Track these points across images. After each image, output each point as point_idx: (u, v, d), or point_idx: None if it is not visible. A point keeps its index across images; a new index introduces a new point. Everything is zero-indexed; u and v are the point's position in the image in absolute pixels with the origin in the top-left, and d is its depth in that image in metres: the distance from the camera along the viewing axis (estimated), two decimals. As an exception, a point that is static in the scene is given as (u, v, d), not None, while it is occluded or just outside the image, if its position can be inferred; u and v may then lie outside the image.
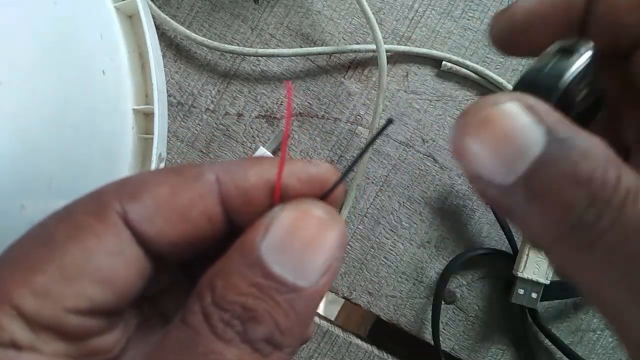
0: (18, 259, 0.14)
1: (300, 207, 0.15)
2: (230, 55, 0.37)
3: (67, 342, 0.14)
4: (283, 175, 0.15)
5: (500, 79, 0.36)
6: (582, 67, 0.15)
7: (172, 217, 0.15)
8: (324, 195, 0.16)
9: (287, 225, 0.14)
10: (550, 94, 0.14)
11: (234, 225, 0.16)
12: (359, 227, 0.37)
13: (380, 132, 0.15)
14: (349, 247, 0.37)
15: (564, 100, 0.15)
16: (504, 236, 0.36)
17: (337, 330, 0.38)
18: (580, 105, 0.15)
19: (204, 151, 0.38)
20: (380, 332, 0.42)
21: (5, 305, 0.13)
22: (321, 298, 0.15)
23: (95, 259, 0.14)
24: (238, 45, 0.37)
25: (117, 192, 0.15)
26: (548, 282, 0.34)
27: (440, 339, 0.37)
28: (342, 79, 0.37)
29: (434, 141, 0.37)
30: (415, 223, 0.37)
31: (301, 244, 0.14)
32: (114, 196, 0.15)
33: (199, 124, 0.38)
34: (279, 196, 0.15)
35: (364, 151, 0.16)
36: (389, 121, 0.15)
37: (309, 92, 0.38)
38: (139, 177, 0.16)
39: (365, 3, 0.34)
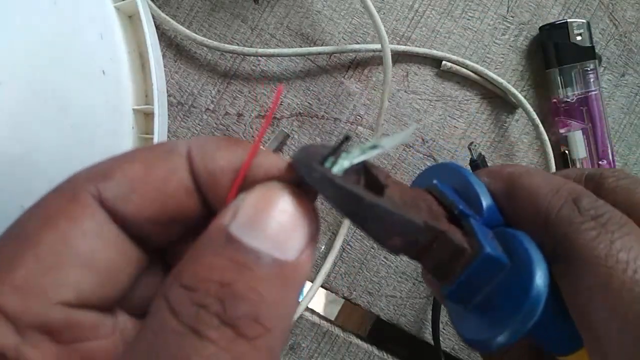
0: None
1: (269, 187, 0.14)
2: (230, 55, 0.37)
3: (57, 343, 0.13)
4: (252, 166, 0.15)
5: (500, 79, 0.36)
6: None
7: (148, 192, 0.14)
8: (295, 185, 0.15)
9: (256, 204, 0.14)
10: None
11: (212, 208, 0.15)
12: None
13: (338, 147, 0.15)
14: (349, 247, 0.37)
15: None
16: (504, 236, 0.36)
17: (337, 330, 0.38)
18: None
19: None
20: (380, 332, 0.42)
21: None
22: (305, 277, 0.14)
23: (71, 242, 0.13)
24: (238, 45, 0.37)
25: (89, 174, 0.14)
26: (548, 282, 0.34)
27: (440, 339, 0.37)
28: (342, 79, 0.37)
29: (434, 141, 0.37)
30: (415, 223, 0.37)
31: (273, 220, 0.13)
32: (86, 178, 0.14)
33: (199, 124, 0.38)
34: (238, 185, 0.15)
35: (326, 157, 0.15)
36: (346, 138, 0.14)
37: (309, 92, 0.38)
38: (111, 158, 0.15)
39: (369, 2, 0.34)
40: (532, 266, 0.15)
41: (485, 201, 0.17)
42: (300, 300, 0.37)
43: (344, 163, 0.14)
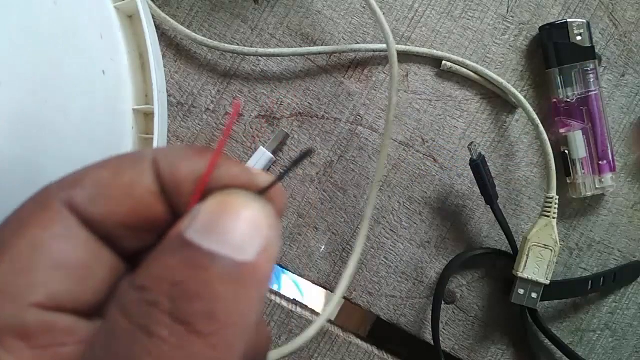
0: None
1: (228, 193, 0.14)
2: (230, 55, 0.37)
3: (34, 349, 0.13)
4: (215, 176, 0.15)
5: (500, 79, 0.36)
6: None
7: (115, 196, 0.15)
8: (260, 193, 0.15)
9: (213, 208, 0.14)
10: None
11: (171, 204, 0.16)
12: (359, 227, 0.37)
13: (297, 162, 0.15)
14: (349, 247, 0.37)
15: None
16: (504, 236, 0.36)
17: (337, 330, 0.38)
18: None
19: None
20: (380, 332, 0.42)
21: None
22: (265, 281, 0.14)
23: (42, 245, 0.14)
24: (238, 45, 0.37)
25: (60, 183, 0.15)
26: (548, 282, 0.34)
27: (440, 339, 0.37)
28: (342, 79, 0.37)
29: (434, 141, 0.37)
30: (415, 223, 0.37)
31: (230, 224, 0.13)
32: (57, 187, 0.15)
33: (199, 124, 0.38)
34: (199, 194, 0.15)
35: (285, 172, 0.16)
36: (308, 151, 0.15)
37: (309, 92, 0.38)
38: (83, 168, 0.16)
39: (373, 1, 0.34)
40: None
41: None
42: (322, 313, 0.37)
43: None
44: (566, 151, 0.36)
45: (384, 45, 0.36)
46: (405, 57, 0.37)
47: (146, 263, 0.13)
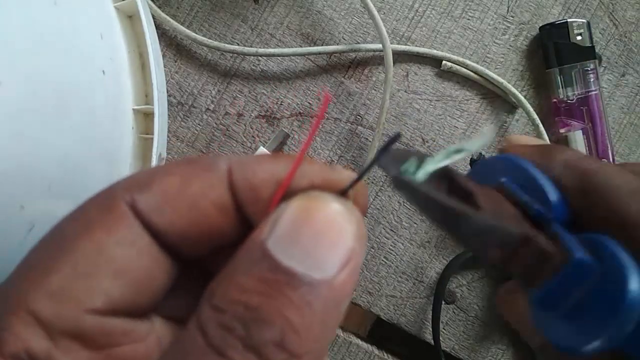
0: (32, 263, 0.14)
1: (310, 197, 0.14)
2: (230, 55, 0.37)
3: (90, 350, 0.13)
4: (295, 177, 0.14)
5: (500, 79, 0.36)
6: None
7: (181, 206, 0.14)
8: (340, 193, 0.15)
9: (295, 215, 0.13)
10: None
11: (249, 224, 0.15)
12: (359, 227, 0.37)
13: (385, 149, 0.14)
14: (349, 247, 0.37)
15: None
16: (504, 236, 0.36)
17: (337, 330, 0.38)
18: None
19: (204, 151, 0.38)
20: (380, 332, 0.42)
21: (21, 310, 0.13)
22: (345, 297, 0.13)
23: (106, 250, 0.14)
24: (238, 45, 0.37)
25: (127, 185, 0.15)
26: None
27: (440, 338, 0.37)
28: (342, 79, 0.37)
29: (434, 141, 0.37)
30: (415, 223, 0.37)
31: (312, 233, 0.13)
32: (124, 188, 0.14)
33: (199, 124, 0.38)
34: (281, 194, 0.14)
35: (370, 165, 0.15)
36: (397, 136, 0.14)
37: (309, 92, 0.38)
38: (151, 169, 0.15)
39: (369, 2, 0.34)
40: (625, 270, 0.14)
41: (552, 197, 0.17)
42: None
43: (428, 168, 0.14)
44: (566, 151, 0.36)
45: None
46: (405, 57, 0.37)
47: (224, 276, 0.13)
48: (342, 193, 0.14)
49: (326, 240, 0.13)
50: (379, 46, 0.36)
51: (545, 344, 0.20)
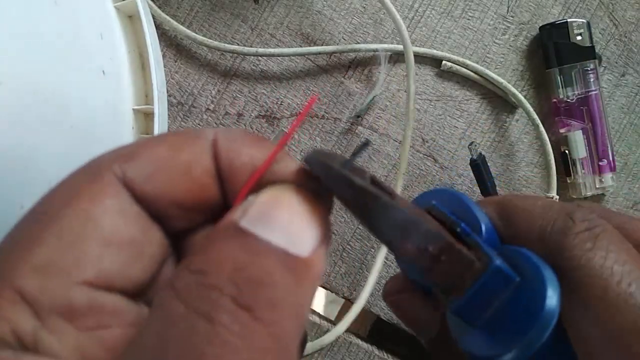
0: (15, 238, 0.13)
1: (281, 187, 0.14)
2: (230, 55, 0.37)
3: (79, 330, 0.12)
4: (271, 170, 0.15)
5: (500, 79, 0.36)
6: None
7: (171, 174, 0.14)
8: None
9: (266, 200, 0.13)
10: None
11: (227, 204, 0.15)
12: (359, 227, 0.37)
13: (358, 152, 0.14)
14: (349, 247, 0.37)
15: None
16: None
17: (337, 330, 0.38)
18: None
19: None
20: (380, 332, 0.42)
21: (5, 289, 0.12)
22: (317, 279, 0.13)
23: (93, 219, 0.13)
24: (238, 45, 0.37)
25: (114, 155, 0.14)
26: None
27: (441, 339, 0.37)
28: (342, 79, 0.37)
29: (434, 141, 0.37)
30: (415, 223, 0.37)
31: (284, 215, 0.13)
32: (111, 159, 0.14)
33: (199, 124, 0.38)
34: (252, 183, 0.14)
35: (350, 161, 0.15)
36: (365, 144, 0.14)
37: (309, 92, 0.38)
38: (137, 141, 0.15)
39: (389, 3, 0.34)
40: (543, 283, 0.15)
41: (484, 222, 0.17)
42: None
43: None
44: (566, 151, 0.36)
45: (385, 45, 0.37)
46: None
47: (201, 248, 0.13)
48: (313, 191, 0.15)
49: (299, 222, 0.13)
50: (380, 46, 0.36)
51: (436, 342, 0.20)
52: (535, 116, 0.36)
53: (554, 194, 0.35)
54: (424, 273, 0.16)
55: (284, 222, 0.13)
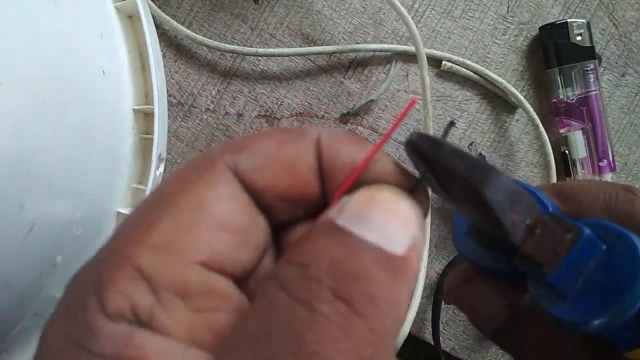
0: (133, 221, 0.14)
1: (378, 187, 0.14)
2: (230, 55, 0.37)
3: (191, 310, 0.13)
4: (369, 170, 0.15)
5: (500, 79, 0.36)
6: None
7: (279, 168, 0.15)
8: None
9: (362, 199, 0.14)
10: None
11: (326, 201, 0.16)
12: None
13: (446, 132, 0.15)
14: (349, 247, 0.37)
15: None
16: (504, 236, 0.36)
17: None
18: None
19: (205, 151, 0.38)
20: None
21: (125, 266, 0.13)
22: (413, 278, 0.14)
23: (207, 204, 0.14)
24: (238, 45, 0.37)
25: (226, 146, 0.15)
26: (548, 282, 0.34)
27: (440, 339, 0.37)
28: (342, 79, 0.37)
29: (434, 141, 0.37)
30: (415, 223, 0.37)
31: (380, 214, 0.13)
32: (222, 150, 0.15)
33: (199, 124, 0.38)
34: (349, 183, 0.15)
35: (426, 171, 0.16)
36: (451, 123, 0.15)
37: (309, 92, 0.38)
38: (246, 136, 0.16)
39: (397, 3, 0.34)
40: (635, 249, 0.15)
41: (550, 203, 0.18)
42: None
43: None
44: (566, 151, 0.36)
45: (385, 46, 0.37)
46: (406, 57, 0.37)
47: (300, 243, 0.13)
48: (410, 193, 0.15)
49: (395, 221, 0.13)
50: (380, 46, 0.36)
51: (503, 332, 0.21)
52: (535, 116, 0.36)
53: (554, 194, 0.35)
54: (517, 247, 0.16)
55: (380, 221, 0.13)
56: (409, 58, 0.37)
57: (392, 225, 0.13)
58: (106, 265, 0.13)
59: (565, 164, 0.36)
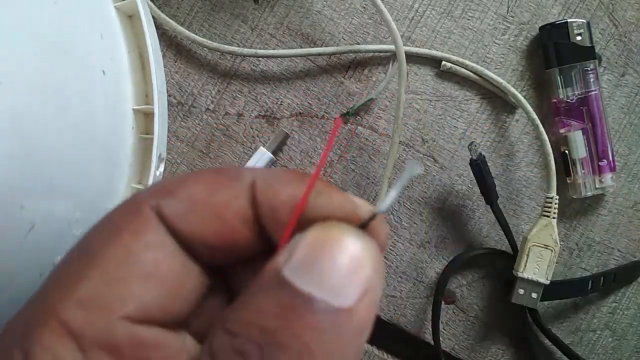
0: (60, 273, 0.14)
1: (328, 227, 0.14)
2: (230, 55, 0.37)
3: None
4: (316, 206, 0.14)
5: (500, 79, 0.36)
6: None
7: (207, 214, 0.14)
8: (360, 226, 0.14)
9: (311, 243, 0.13)
10: None
11: (268, 239, 0.15)
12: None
13: (404, 182, 0.14)
14: (349, 247, 0.37)
15: None
16: (504, 236, 0.36)
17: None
18: None
19: (204, 151, 0.38)
20: (380, 332, 0.42)
21: (51, 321, 0.12)
22: (365, 329, 0.13)
23: (135, 254, 0.13)
24: (238, 45, 0.37)
25: (152, 191, 0.15)
26: (548, 282, 0.34)
27: (440, 339, 0.37)
28: (342, 79, 0.37)
29: (434, 141, 0.37)
30: (415, 223, 0.37)
31: (330, 261, 0.13)
32: (149, 194, 0.14)
33: (199, 124, 0.38)
34: (293, 223, 0.14)
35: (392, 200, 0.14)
36: (415, 168, 0.14)
37: (309, 92, 0.38)
38: (176, 177, 0.15)
39: (380, 2, 0.34)
40: None
41: None
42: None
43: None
44: (566, 151, 0.36)
45: (385, 46, 0.37)
46: (406, 57, 0.37)
47: (239, 302, 0.13)
48: (362, 226, 0.14)
49: (344, 269, 0.13)
50: (380, 46, 0.36)
51: None
52: (535, 116, 0.36)
53: (553, 194, 0.35)
54: None
55: (328, 269, 0.13)
56: (409, 58, 0.37)
57: (341, 273, 0.13)
58: (33, 319, 0.13)
59: (565, 164, 0.36)
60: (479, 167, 0.34)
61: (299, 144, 0.37)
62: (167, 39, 0.38)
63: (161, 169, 0.33)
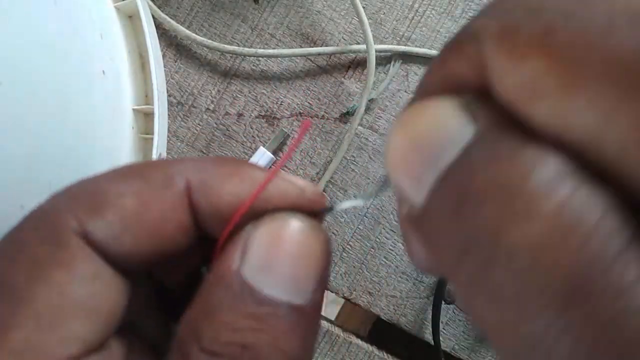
0: None
1: (277, 219, 0.13)
2: (230, 55, 0.37)
3: None
4: (261, 197, 0.14)
5: (500, 79, 0.36)
6: None
7: (142, 233, 0.13)
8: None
9: (266, 241, 0.13)
10: None
11: (202, 229, 0.14)
12: (359, 227, 0.37)
13: (378, 191, 0.14)
14: (349, 247, 0.37)
15: None
16: (504, 236, 0.36)
17: (337, 330, 0.38)
18: None
19: (204, 151, 0.38)
20: (380, 332, 0.42)
21: None
22: (319, 318, 0.14)
23: (69, 292, 0.12)
24: (238, 45, 0.37)
25: (71, 207, 0.13)
26: (548, 282, 0.34)
27: (441, 338, 0.37)
28: (342, 79, 0.37)
29: (434, 141, 0.37)
30: (415, 223, 0.37)
31: (286, 259, 0.13)
32: (68, 212, 0.13)
33: (199, 124, 0.38)
34: (242, 214, 0.13)
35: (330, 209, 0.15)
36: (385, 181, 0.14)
37: (309, 92, 0.38)
38: (95, 185, 0.14)
39: (359, 3, 0.34)
40: None
41: None
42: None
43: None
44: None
45: (385, 46, 0.37)
46: (405, 57, 0.37)
47: (206, 314, 0.12)
48: (313, 214, 0.14)
49: (300, 264, 0.13)
50: (380, 47, 0.36)
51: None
52: (535, 116, 0.36)
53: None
54: None
55: (285, 268, 0.13)
56: (409, 58, 0.37)
57: (297, 271, 0.13)
58: None
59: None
60: None
61: (298, 144, 0.37)
62: (167, 39, 0.38)
63: (161, 169, 0.33)
